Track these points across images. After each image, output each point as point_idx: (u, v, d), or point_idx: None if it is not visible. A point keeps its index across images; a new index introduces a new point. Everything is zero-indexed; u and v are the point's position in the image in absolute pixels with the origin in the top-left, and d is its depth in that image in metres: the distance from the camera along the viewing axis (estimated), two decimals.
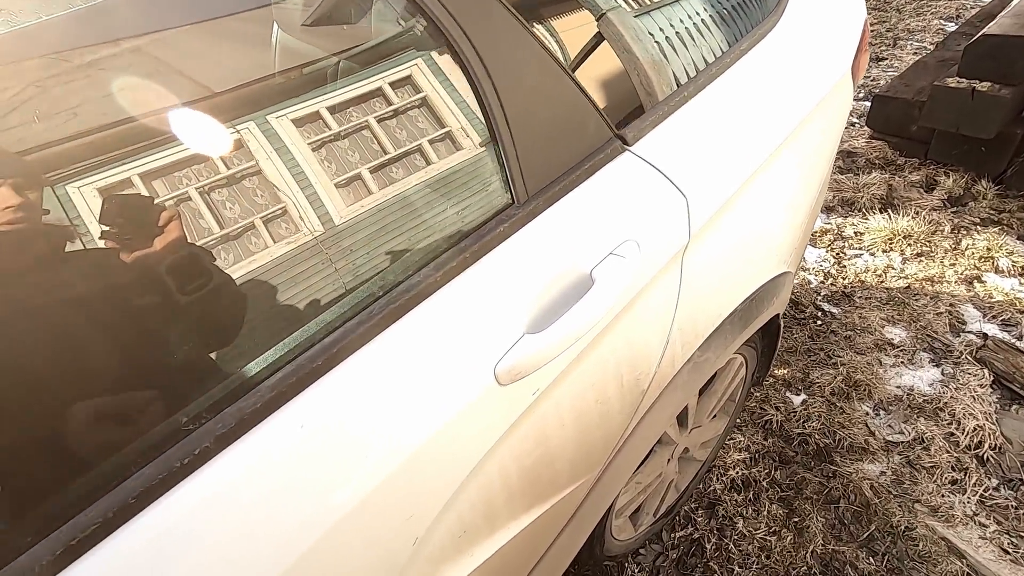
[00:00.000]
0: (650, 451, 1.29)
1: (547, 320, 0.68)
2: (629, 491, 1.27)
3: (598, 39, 1.60)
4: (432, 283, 0.62)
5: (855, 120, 3.12)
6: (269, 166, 0.68)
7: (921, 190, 2.61)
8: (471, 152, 0.70)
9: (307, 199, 0.66)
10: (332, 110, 0.71)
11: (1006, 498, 1.53)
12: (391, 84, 0.77)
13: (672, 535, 1.57)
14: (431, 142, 0.70)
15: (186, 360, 0.54)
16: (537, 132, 0.69)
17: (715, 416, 1.48)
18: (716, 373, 1.32)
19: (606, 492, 1.03)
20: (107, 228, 0.55)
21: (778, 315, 1.32)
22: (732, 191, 0.89)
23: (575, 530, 1.02)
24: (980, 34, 2.30)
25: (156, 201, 0.61)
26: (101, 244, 0.54)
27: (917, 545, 1.46)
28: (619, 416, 0.91)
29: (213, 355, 0.54)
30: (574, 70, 1.31)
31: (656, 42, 1.03)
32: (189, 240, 0.59)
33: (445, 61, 0.74)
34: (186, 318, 0.56)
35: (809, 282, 2.27)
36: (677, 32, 1.06)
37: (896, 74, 3.22)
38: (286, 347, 0.56)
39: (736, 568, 1.47)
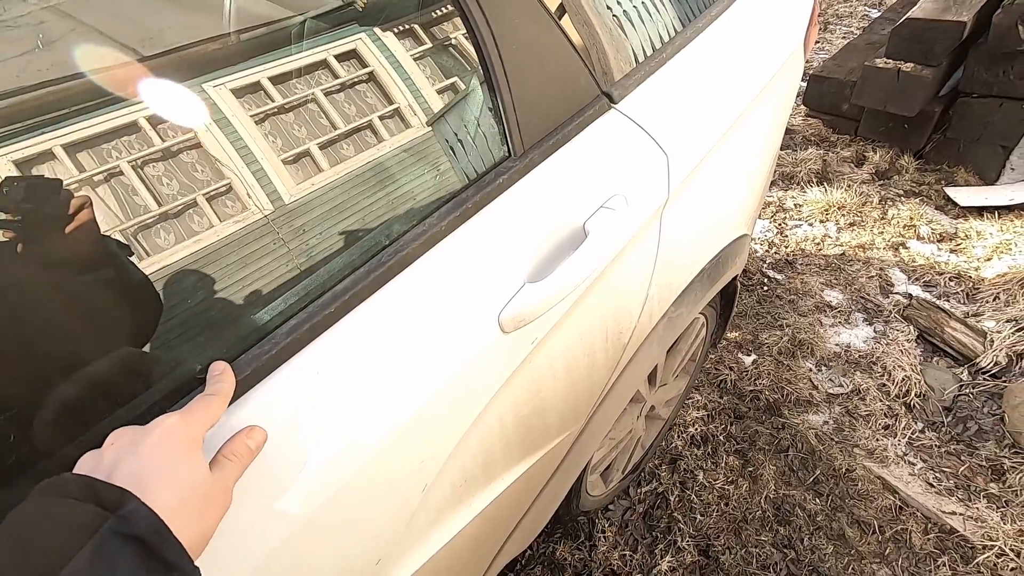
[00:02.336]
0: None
1: (546, 270, 0.70)
2: (604, 447, 1.32)
3: (560, 11, 1.61)
4: (436, 233, 0.62)
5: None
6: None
7: (852, 165, 2.80)
8: (471, 104, 0.70)
9: (291, 156, 0.64)
10: (344, 57, 0.70)
11: (930, 439, 1.70)
12: (384, 40, 0.75)
13: (638, 490, 1.64)
14: (430, 95, 0.70)
15: (196, 316, 0.52)
16: (533, 86, 0.70)
17: (678, 375, 1.56)
18: (680, 334, 1.39)
19: (587, 445, 1.07)
20: (7, 216, 0.48)
21: (736, 276, 1.40)
22: (706, 151, 0.94)
23: (558, 483, 1.06)
24: (905, 18, 2.47)
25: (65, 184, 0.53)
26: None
27: (856, 485, 1.60)
28: (603, 370, 0.95)
29: (227, 307, 0.53)
30: None
31: (614, 15, 1.05)
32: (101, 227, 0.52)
33: (437, 18, 0.73)
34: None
35: (755, 251, 2.40)
36: (634, 6, 1.09)
37: (828, 56, 3.41)
38: (297, 295, 0.55)
39: (698, 516, 1.57)
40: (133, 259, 0.53)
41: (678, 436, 1.75)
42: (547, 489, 1.04)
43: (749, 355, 1.97)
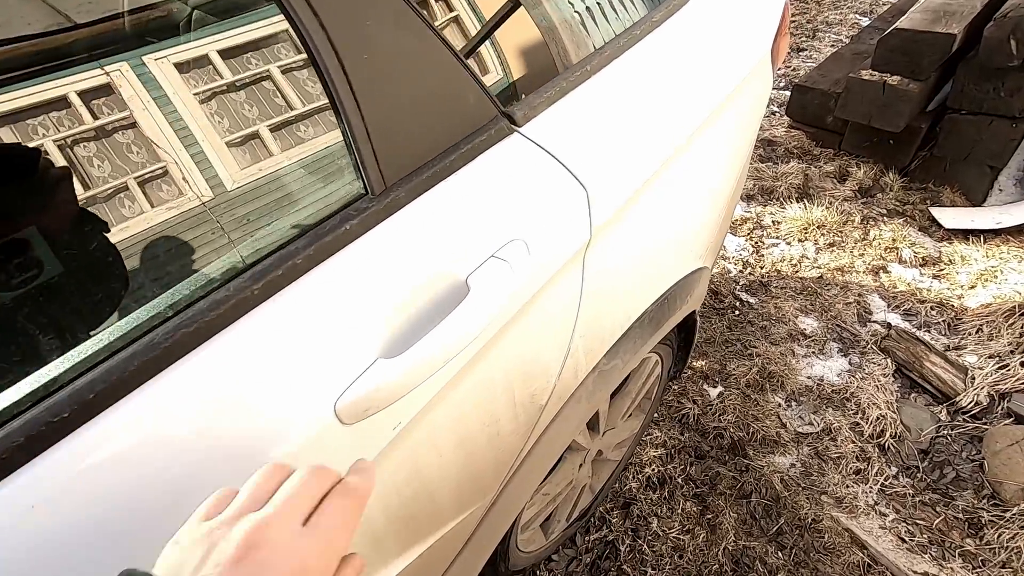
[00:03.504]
0: (559, 459, 1.20)
1: (409, 340, 0.55)
2: (536, 504, 1.18)
3: (514, 4, 1.46)
4: (247, 299, 0.47)
5: (776, 109, 3.16)
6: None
7: (835, 180, 2.67)
8: (306, 129, 0.55)
9: None
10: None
11: (904, 486, 1.57)
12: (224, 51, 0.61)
13: (586, 538, 1.50)
14: (243, 119, 0.55)
15: None
16: (397, 106, 0.55)
17: (630, 415, 1.42)
18: (629, 374, 1.25)
19: (505, 514, 0.93)
20: None
21: (694, 311, 1.26)
22: (641, 182, 0.79)
23: (471, 557, 0.92)
24: (892, 28, 2.34)
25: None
26: None
27: (823, 537, 1.47)
28: (513, 436, 0.80)
29: None
30: (486, 37, 1.16)
31: (576, 12, 0.91)
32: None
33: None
34: None
35: (729, 271, 2.26)
36: (598, 2, 0.95)
37: (814, 65, 3.29)
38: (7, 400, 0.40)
39: (649, 570, 1.43)
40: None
41: (633, 477, 1.61)
42: (456, 566, 0.89)
43: (715, 387, 1.83)
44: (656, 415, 1.74)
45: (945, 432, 1.68)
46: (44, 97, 0.57)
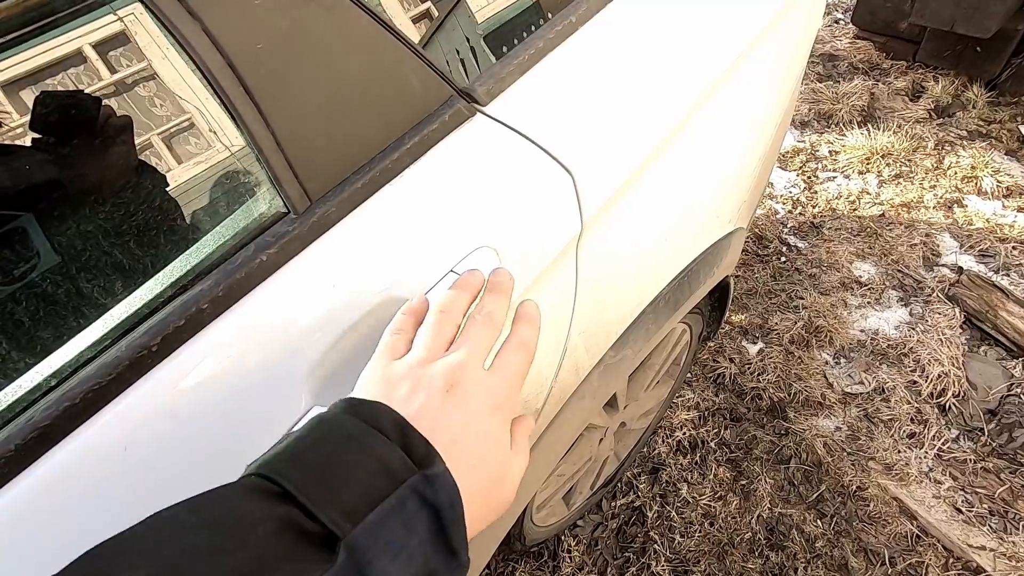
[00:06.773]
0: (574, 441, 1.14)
1: (348, 380, 0.48)
2: (551, 485, 1.14)
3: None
4: (143, 358, 0.40)
5: (839, 16, 2.77)
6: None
7: (906, 99, 2.34)
8: (203, 138, 0.46)
9: None
10: None
11: (964, 451, 1.44)
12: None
13: (613, 503, 1.47)
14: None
15: None
16: (312, 103, 0.44)
17: (658, 383, 1.33)
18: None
19: (505, 515, 0.88)
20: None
21: (727, 277, 1.13)
22: (643, 157, 0.66)
23: (473, 557, 0.88)
24: None
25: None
26: None
27: (868, 506, 1.38)
28: None
29: None
30: None
31: None
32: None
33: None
34: None
35: (776, 212, 2.06)
36: None
37: None
38: None
39: (678, 537, 1.39)
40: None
41: (663, 441, 1.54)
42: None
43: (755, 343, 1.70)
44: (689, 374, 1.65)
45: (1018, 390, 1.51)
46: (60, 53, 0.49)
